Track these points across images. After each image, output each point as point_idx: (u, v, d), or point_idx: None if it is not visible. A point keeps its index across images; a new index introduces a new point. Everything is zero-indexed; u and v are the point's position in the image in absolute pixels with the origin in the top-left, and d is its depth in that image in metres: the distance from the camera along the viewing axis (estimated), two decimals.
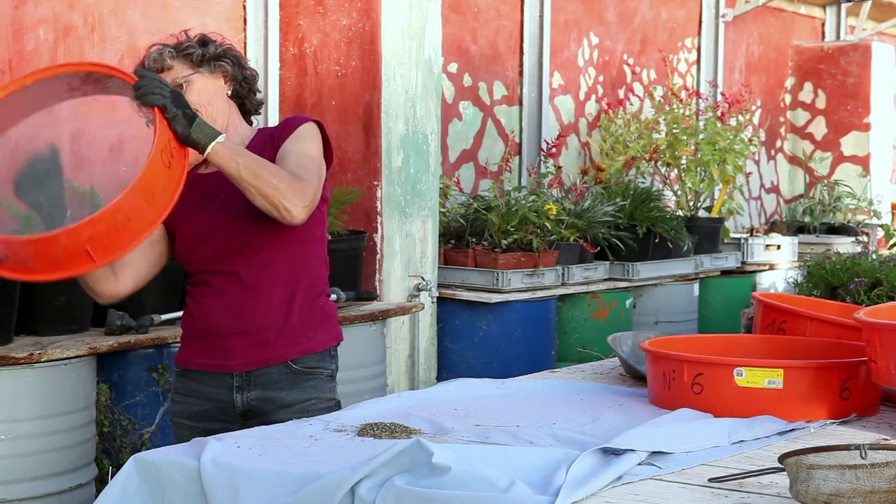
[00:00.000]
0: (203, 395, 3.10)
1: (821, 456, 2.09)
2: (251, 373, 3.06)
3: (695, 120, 7.91)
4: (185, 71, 3.05)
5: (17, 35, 4.81)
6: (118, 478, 2.50)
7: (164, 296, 4.60)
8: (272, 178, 2.83)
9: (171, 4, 5.39)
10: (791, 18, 10.15)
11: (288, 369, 3.06)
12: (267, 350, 3.05)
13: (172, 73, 3.04)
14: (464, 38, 7.09)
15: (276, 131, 3.08)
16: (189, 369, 3.13)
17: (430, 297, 5.90)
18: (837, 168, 10.06)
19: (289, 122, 3.09)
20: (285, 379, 3.06)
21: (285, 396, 3.05)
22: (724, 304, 7.61)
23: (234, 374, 3.06)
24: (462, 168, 7.07)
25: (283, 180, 2.84)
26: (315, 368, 3.10)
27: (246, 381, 3.06)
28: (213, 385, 3.09)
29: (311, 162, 2.96)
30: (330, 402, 3.11)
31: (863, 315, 2.81)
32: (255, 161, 2.86)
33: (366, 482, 2.22)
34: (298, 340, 3.07)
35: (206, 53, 3.08)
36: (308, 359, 3.08)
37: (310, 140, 3.03)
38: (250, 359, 3.05)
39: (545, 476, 2.24)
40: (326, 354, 3.13)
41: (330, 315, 3.16)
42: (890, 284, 4.51)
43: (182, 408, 3.14)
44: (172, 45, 3.09)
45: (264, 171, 2.84)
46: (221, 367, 3.07)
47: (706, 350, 3.10)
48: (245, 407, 3.06)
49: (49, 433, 4.06)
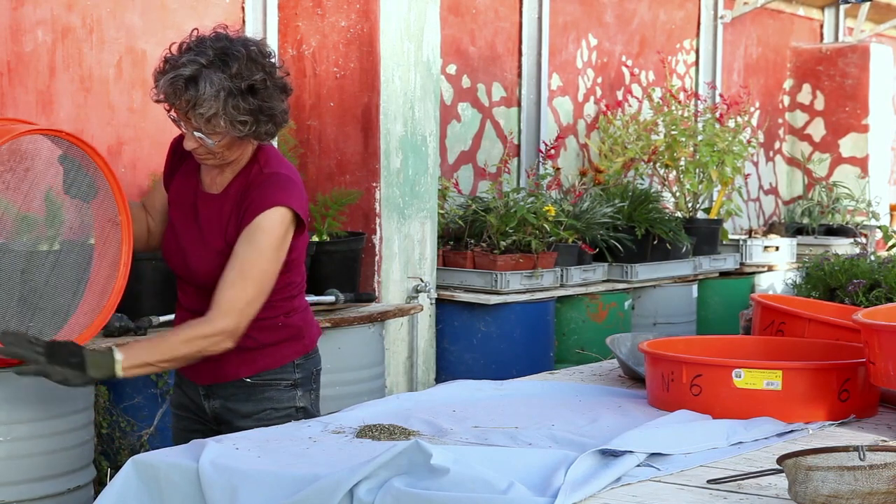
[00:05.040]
0: (185, 393, 3.24)
1: (819, 457, 2.09)
2: (211, 385, 3.14)
3: (693, 121, 7.91)
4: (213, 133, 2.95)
5: (15, 37, 4.80)
6: (117, 479, 2.50)
7: (162, 298, 4.60)
8: (189, 352, 2.93)
9: (170, 6, 5.39)
10: (789, 20, 10.15)
11: (242, 383, 3.12)
12: (220, 369, 3.10)
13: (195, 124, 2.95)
14: (462, 40, 7.10)
15: (246, 198, 2.99)
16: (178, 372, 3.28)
17: (429, 298, 5.89)
18: (836, 169, 10.06)
19: (257, 200, 2.96)
20: (241, 392, 3.12)
21: (241, 407, 3.11)
22: (722, 305, 7.61)
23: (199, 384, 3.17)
24: (461, 169, 7.07)
25: (197, 346, 2.93)
26: (271, 381, 3.12)
27: (209, 391, 3.15)
28: (188, 388, 3.22)
29: (247, 281, 2.92)
30: (289, 409, 3.13)
31: (861, 316, 2.81)
32: (163, 352, 2.93)
33: (364, 484, 2.22)
34: (253, 360, 3.10)
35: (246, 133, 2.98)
36: (263, 374, 3.12)
37: (263, 240, 2.94)
38: (207, 374, 3.13)
39: (544, 477, 2.24)
40: (288, 366, 3.14)
41: (295, 331, 3.15)
42: (888, 286, 4.51)
43: (175, 398, 3.31)
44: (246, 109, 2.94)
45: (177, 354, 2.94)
46: (191, 377, 3.18)
47: (705, 351, 3.11)
48: (212, 413, 3.16)
49: (47, 435, 4.05)
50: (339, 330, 4.91)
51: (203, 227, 3.06)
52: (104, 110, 5.14)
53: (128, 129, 5.23)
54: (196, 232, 3.07)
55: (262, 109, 2.93)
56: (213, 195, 3.08)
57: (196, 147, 2.96)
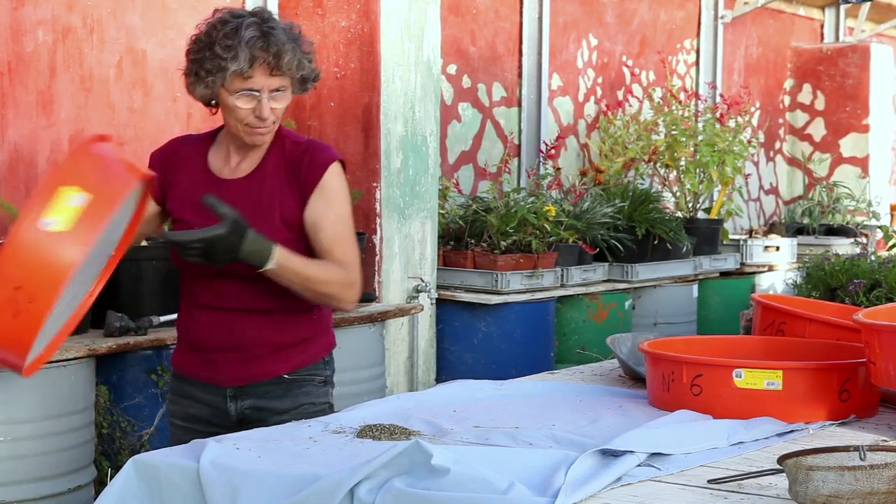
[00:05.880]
0: (198, 399, 3.10)
1: (820, 457, 2.09)
2: (243, 385, 3.06)
3: (694, 121, 7.91)
4: (288, 87, 2.97)
5: (15, 37, 4.81)
6: (117, 479, 2.50)
7: (162, 298, 4.60)
8: (325, 289, 2.95)
9: (170, 6, 5.39)
10: (790, 20, 10.15)
11: (280, 380, 3.07)
12: (257, 366, 3.05)
13: (280, 80, 2.94)
14: (463, 40, 7.10)
15: (300, 166, 3.01)
16: (184, 376, 3.14)
17: (429, 298, 5.89)
18: (836, 169, 10.06)
19: (315, 162, 3.02)
20: (277, 389, 3.06)
21: (278, 405, 3.05)
22: (723, 305, 7.61)
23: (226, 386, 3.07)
24: (461, 169, 7.07)
25: (334, 286, 2.96)
26: (307, 376, 3.10)
27: (238, 392, 3.06)
28: (206, 392, 3.09)
29: (348, 238, 3.02)
30: (323, 406, 3.11)
31: (862, 316, 2.81)
32: (307, 274, 2.92)
33: (365, 484, 2.22)
34: (290, 356, 3.07)
35: (307, 79, 3.02)
36: (300, 370, 3.09)
37: (339, 196, 3.04)
38: (240, 374, 3.05)
39: (544, 477, 2.24)
40: (320, 363, 3.13)
41: (324, 325, 3.15)
42: (889, 286, 4.51)
43: (178, 409, 3.15)
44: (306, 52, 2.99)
45: (317, 284, 2.94)
46: (212, 379, 3.07)
47: (705, 351, 3.11)
48: (239, 415, 3.06)
49: (48, 435, 4.05)
50: (340, 330, 4.90)
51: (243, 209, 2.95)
52: (104, 110, 5.14)
53: (128, 129, 5.23)
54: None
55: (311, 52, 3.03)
56: (240, 179, 3.02)
57: (268, 116, 2.93)
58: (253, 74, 2.89)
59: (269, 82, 2.91)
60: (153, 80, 5.33)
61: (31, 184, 4.87)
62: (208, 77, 2.92)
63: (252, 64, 2.88)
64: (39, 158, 4.91)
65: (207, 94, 2.98)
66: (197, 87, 2.97)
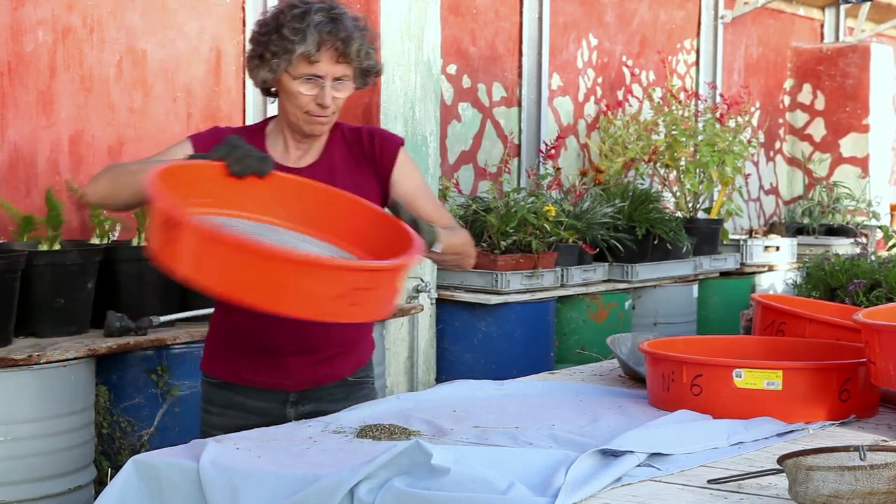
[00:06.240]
0: (250, 409, 3.00)
1: (820, 457, 2.09)
2: (308, 389, 3.02)
3: (694, 121, 7.91)
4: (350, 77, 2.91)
5: (15, 37, 4.81)
6: (117, 479, 2.50)
7: (163, 298, 4.60)
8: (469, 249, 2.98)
9: (170, 6, 5.39)
10: (790, 20, 10.15)
11: (344, 382, 3.05)
12: (327, 368, 3.01)
13: (344, 69, 2.88)
14: (463, 40, 7.09)
15: (372, 150, 3.01)
16: (234, 383, 3.01)
17: (429, 298, 5.89)
18: (836, 169, 10.07)
19: (386, 143, 3.04)
20: (340, 392, 3.04)
21: (338, 408, 2.97)
22: (723, 305, 7.61)
23: (292, 391, 3.01)
24: (461, 169, 7.07)
25: (471, 244, 3.00)
26: (364, 378, 3.11)
27: (301, 397, 3.02)
28: (263, 399, 3.00)
29: (441, 205, 3.07)
30: None
31: (862, 316, 2.81)
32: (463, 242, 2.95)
33: (365, 484, 2.22)
34: (351, 356, 3.06)
35: (370, 71, 2.95)
36: (359, 371, 3.09)
37: (416, 168, 3.09)
38: (309, 377, 3.00)
39: (544, 477, 2.24)
40: (370, 364, 3.13)
41: (370, 323, 3.14)
42: (889, 286, 4.51)
43: (224, 421, 2.99)
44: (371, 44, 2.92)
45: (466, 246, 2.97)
46: (277, 385, 2.99)
47: (705, 351, 3.10)
48: (298, 419, 2.97)
49: (48, 435, 4.06)
50: None
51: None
52: (104, 110, 5.14)
53: (128, 129, 5.23)
54: None
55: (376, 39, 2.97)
56: (307, 167, 2.95)
57: (330, 104, 2.88)
58: (320, 59, 2.83)
59: (334, 69, 2.85)
60: (153, 80, 5.33)
61: (31, 184, 4.87)
62: (273, 59, 2.85)
63: (320, 48, 2.82)
64: (39, 158, 4.91)
65: (270, 79, 2.90)
66: (260, 71, 2.89)
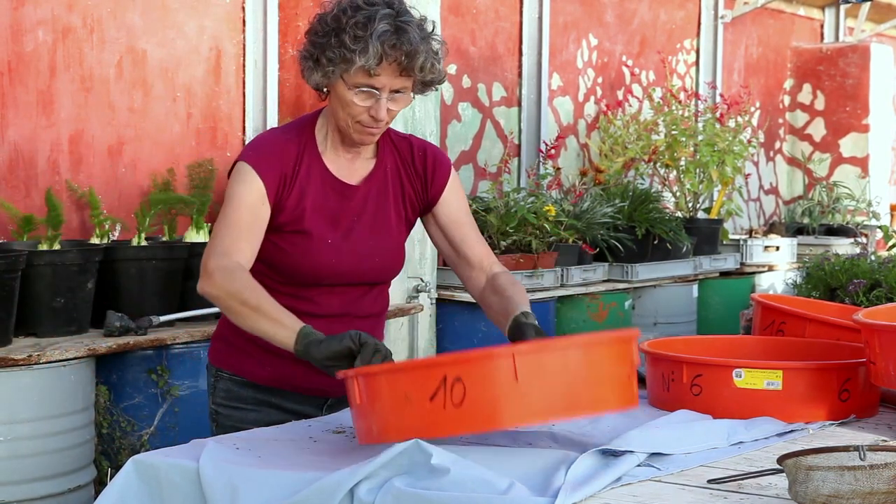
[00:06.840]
0: (285, 409, 2.94)
1: (820, 457, 2.09)
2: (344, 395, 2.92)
3: (694, 121, 7.91)
4: (409, 88, 2.76)
5: (15, 36, 4.81)
6: (117, 479, 2.50)
7: (162, 297, 4.60)
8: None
9: (170, 6, 5.39)
10: (790, 20, 10.15)
11: None
12: None
13: (404, 81, 2.73)
14: (463, 40, 7.10)
15: (425, 168, 2.92)
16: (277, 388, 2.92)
17: (430, 298, 5.89)
18: (836, 169, 10.07)
19: (439, 165, 2.93)
20: None
21: None
22: (723, 305, 7.61)
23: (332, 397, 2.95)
24: (461, 169, 7.07)
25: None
26: None
27: (337, 402, 2.96)
28: (302, 403, 2.94)
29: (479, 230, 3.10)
30: None
31: (861, 316, 2.81)
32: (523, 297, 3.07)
33: (365, 484, 2.22)
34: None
35: (432, 83, 2.80)
36: None
37: (463, 191, 3.04)
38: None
39: (544, 477, 2.24)
40: None
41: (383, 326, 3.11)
42: (889, 286, 4.51)
43: (259, 416, 2.91)
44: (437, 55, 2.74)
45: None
46: (321, 392, 2.92)
47: (705, 351, 3.10)
48: None
49: (48, 435, 4.06)
50: None
51: (370, 214, 2.85)
52: (104, 110, 5.14)
53: (128, 129, 5.23)
54: (363, 225, 2.84)
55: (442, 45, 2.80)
56: (364, 184, 2.86)
57: (384, 118, 2.75)
58: (380, 73, 2.66)
59: (394, 82, 2.69)
60: (153, 80, 5.33)
61: (31, 184, 4.87)
62: (329, 66, 2.70)
63: (381, 62, 2.64)
64: (39, 158, 4.91)
65: (323, 83, 2.78)
66: (313, 74, 2.76)
